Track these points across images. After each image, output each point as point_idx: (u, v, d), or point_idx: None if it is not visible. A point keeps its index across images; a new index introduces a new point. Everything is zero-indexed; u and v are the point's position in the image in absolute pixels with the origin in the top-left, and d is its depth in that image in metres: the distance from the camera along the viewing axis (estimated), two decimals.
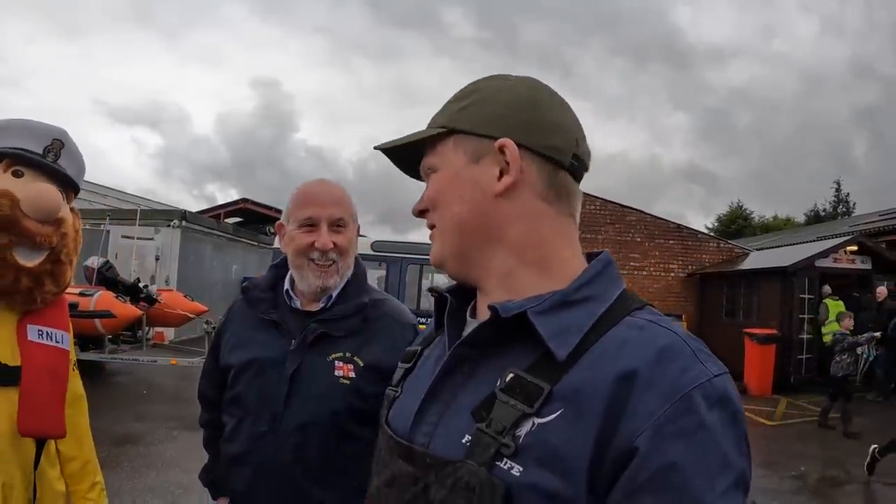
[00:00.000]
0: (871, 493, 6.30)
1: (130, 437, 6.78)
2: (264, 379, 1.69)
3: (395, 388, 1.04)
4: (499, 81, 0.94)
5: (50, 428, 1.69)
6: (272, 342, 1.72)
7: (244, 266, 19.85)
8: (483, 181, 0.89)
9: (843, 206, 41.11)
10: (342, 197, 1.77)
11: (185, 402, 8.78)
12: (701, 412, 0.70)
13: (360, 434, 1.64)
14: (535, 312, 0.81)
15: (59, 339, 1.76)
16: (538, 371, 0.78)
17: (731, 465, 0.70)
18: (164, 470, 5.86)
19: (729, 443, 0.71)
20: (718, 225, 43.06)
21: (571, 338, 0.79)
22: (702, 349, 0.77)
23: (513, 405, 0.77)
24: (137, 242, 13.26)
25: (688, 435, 0.69)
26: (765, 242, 23.84)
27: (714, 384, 0.73)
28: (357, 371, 1.67)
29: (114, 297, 9.13)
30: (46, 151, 1.70)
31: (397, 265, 8.65)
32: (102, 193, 22.87)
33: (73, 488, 1.86)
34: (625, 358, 0.75)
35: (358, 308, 1.75)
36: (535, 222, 0.89)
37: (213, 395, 1.88)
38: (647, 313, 0.83)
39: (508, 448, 0.75)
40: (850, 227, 19.34)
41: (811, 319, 12.48)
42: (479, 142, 0.90)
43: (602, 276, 0.87)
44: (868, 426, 9.53)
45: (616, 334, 0.78)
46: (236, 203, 25.34)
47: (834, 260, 13.03)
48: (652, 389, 0.71)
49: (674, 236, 16.06)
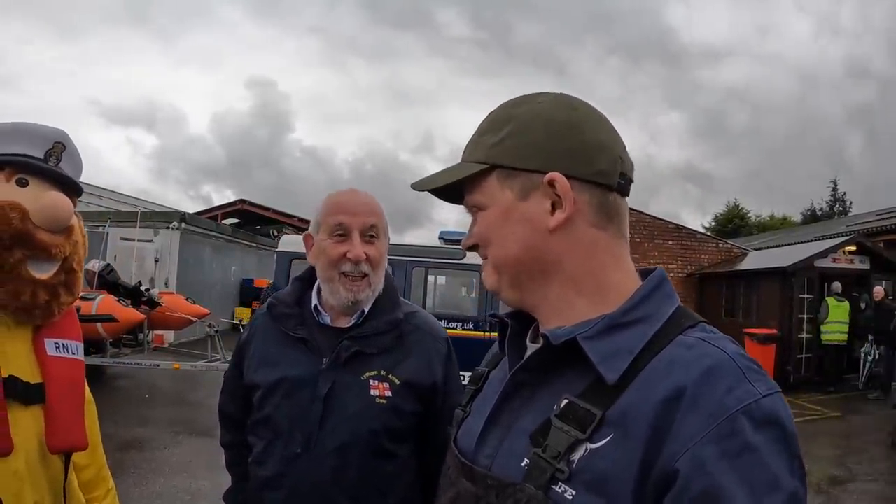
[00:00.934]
0: (871, 492, 6.32)
1: (135, 443, 6.78)
2: (295, 400, 1.64)
3: (464, 409, 1.06)
4: (531, 106, 0.92)
5: (76, 441, 1.67)
6: (301, 360, 1.67)
7: (243, 268, 19.85)
8: (535, 218, 0.88)
9: (840, 205, 41.21)
10: (375, 206, 1.72)
11: (189, 405, 8.82)
12: (746, 434, 0.69)
13: (397, 452, 1.63)
14: (584, 338, 0.82)
15: (75, 351, 1.73)
16: (590, 396, 0.79)
17: (781, 486, 0.68)
18: (171, 476, 5.86)
19: (778, 463, 0.69)
20: (715, 224, 43.09)
21: (621, 361, 0.79)
22: (752, 367, 0.76)
23: (566, 431, 0.78)
24: (137, 245, 13.25)
25: (732, 457, 0.68)
26: (763, 242, 23.89)
27: (761, 405, 0.71)
28: (393, 390, 1.64)
29: (115, 300, 9.12)
30: (48, 156, 1.64)
31: (402, 268, 8.65)
32: (98, 195, 22.84)
33: (88, 496, 1.82)
34: (671, 379, 0.74)
35: (391, 325, 1.70)
36: (590, 251, 0.89)
37: (237, 413, 1.83)
38: (700, 331, 0.82)
39: (563, 473, 0.76)
40: (848, 227, 19.41)
41: (811, 319, 12.52)
42: (525, 177, 0.88)
43: (654, 296, 0.87)
44: (869, 424, 9.62)
45: (666, 355, 0.78)
46: (234, 204, 25.28)
47: (833, 260, 13.07)
48: (696, 410, 0.71)
49: (673, 237, 16.10)
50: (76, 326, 1.79)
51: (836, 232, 18.22)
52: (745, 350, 0.79)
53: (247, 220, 25.28)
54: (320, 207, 1.72)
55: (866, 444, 8.41)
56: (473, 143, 0.94)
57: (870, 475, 6.87)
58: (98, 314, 8.72)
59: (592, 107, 0.94)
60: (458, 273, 9.79)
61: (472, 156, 0.93)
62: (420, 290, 9.02)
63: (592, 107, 0.94)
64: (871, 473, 6.94)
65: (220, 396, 1.93)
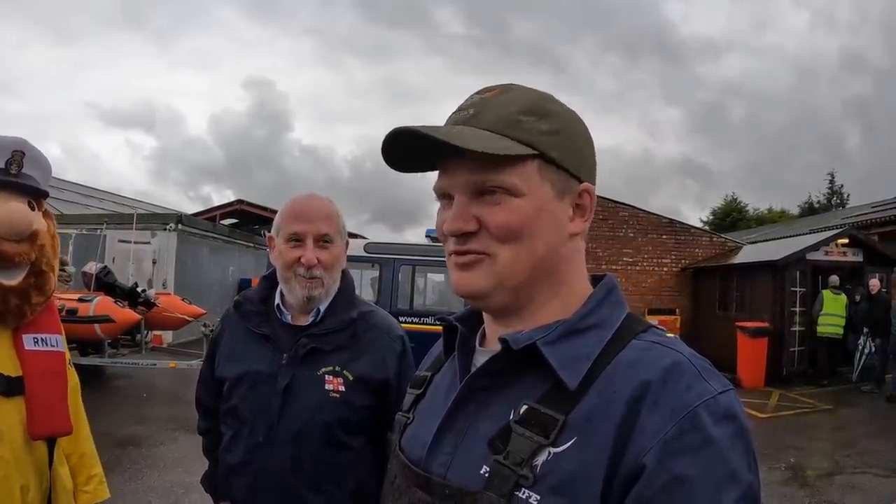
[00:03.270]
0: (857, 485, 6.37)
1: (132, 440, 6.88)
2: (258, 392, 1.75)
3: (406, 414, 1.04)
4: (560, 107, 0.91)
5: (58, 427, 1.78)
6: (264, 356, 1.78)
7: (241, 268, 19.90)
8: (563, 220, 0.88)
9: (837, 197, 41.06)
10: (330, 213, 1.80)
11: (185, 403, 8.76)
12: (707, 428, 0.72)
13: (351, 443, 1.74)
14: (544, 343, 0.82)
15: (55, 343, 1.83)
16: (551, 401, 0.80)
17: (739, 479, 0.71)
18: (166, 471, 5.97)
19: (736, 457, 0.72)
20: (713, 218, 43.02)
21: (581, 366, 0.80)
22: (706, 367, 0.79)
23: (529, 437, 0.78)
24: (134, 246, 13.29)
25: (694, 450, 0.71)
26: (758, 235, 23.91)
27: (719, 401, 0.74)
28: (346, 384, 1.74)
29: (112, 301, 9.20)
30: (9, 165, 1.70)
31: (390, 266, 8.73)
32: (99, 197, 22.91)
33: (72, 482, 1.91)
34: (634, 379, 0.76)
35: (346, 323, 1.80)
36: (578, 259, 0.92)
37: (211, 403, 1.95)
38: (652, 335, 0.84)
39: (527, 479, 0.76)
40: (843, 220, 19.40)
41: (803, 312, 12.54)
42: (566, 177, 0.88)
43: (606, 302, 0.88)
44: (860, 417, 9.65)
45: (623, 358, 0.80)
46: (232, 204, 25.25)
47: (825, 253, 13.07)
48: (658, 408, 0.73)
49: (666, 231, 16.12)
50: (55, 321, 1.88)
51: (832, 224, 18.23)
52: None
53: (245, 221, 25.27)
54: (280, 211, 1.82)
55: (856, 436, 8.42)
56: (508, 119, 0.85)
57: (857, 468, 6.91)
58: (95, 315, 8.81)
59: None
60: (445, 270, 9.82)
61: (510, 131, 0.85)
62: (407, 287, 9.09)
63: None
64: (858, 466, 6.98)
65: (196, 387, 2.04)
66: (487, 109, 0.86)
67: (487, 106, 0.87)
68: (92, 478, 1.97)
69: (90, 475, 1.97)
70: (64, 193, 22.05)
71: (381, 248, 8.78)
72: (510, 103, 0.87)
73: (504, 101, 0.87)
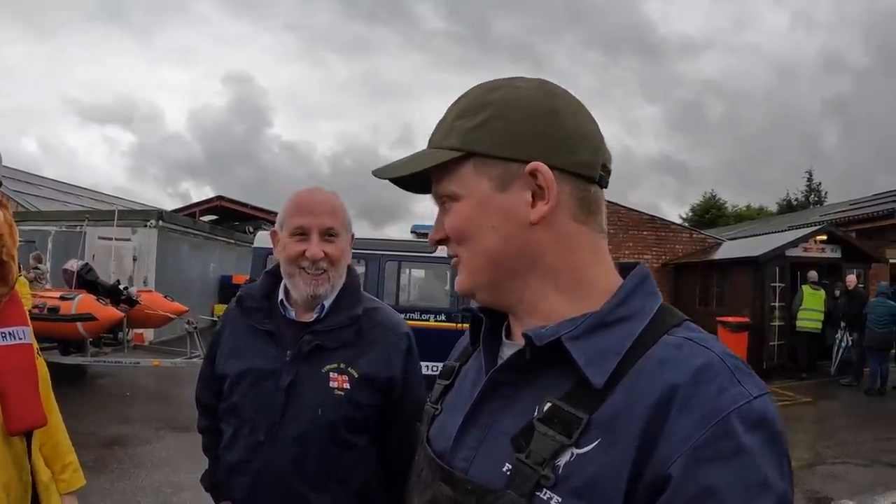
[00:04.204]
0: (838, 474, 6.51)
1: (118, 440, 6.80)
2: (260, 390, 1.72)
3: (434, 406, 1.03)
4: (509, 90, 0.85)
5: (33, 420, 1.75)
6: (267, 352, 1.74)
7: (221, 264, 19.77)
8: (515, 210, 0.83)
9: (815, 195, 41.55)
10: (335, 206, 1.76)
11: (170, 402, 8.83)
12: (738, 436, 0.68)
13: (356, 442, 1.71)
14: (569, 338, 0.78)
15: (22, 336, 1.79)
16: (575, 399, 0.77)
17: (772, 487, 0.67)
18: (153, 470, 5.91)
19: (769, 464, 0.68)
20: (693, 215, 43.36)
21: (608, 363, 0.76)
22: (740, 367, 0.74)
23: (551, 436, 0.76)
24: (115, 243, 13.19)
25: (725, 459, 0.67)
26: (738, 232, 24.14)
27: (753, 406, 0.70)
28: (351, 382, 1.70)
29: (95, 299, 9.12)
30: None
31: (376, 262, 8.74)
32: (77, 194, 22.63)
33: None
34: (662, 380, 0.72)
35: (351, 319, 1.76)
36: (570, 245, 0.84)
37: (211, 401, 1.90)
38: (685, 330, 0.80)
39: (548, 480, 0.74)
40: (822, 217, 19.68)
41: (782, 307, 12.72)
42: (504, 166, 0.83)
43: (638, 292, 0.84)
44: (839, 409, 9.84)
45: (653, 355, 0.76)
46: (211, 201, 25.14)
47: (804, 249, 13.26)
48: (688, 412, 0.70)
49: (647, 227, 16.26)
50: (20, 313, 1.84)
51: (811, 222, 18.45)
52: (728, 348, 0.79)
53: (225, 217, 25.15)
54: (284, 205, 1.79)
55: (835, 428, 8.61)
56: (446, 128, 0.87)
57: (837, 458, 7.06)
58: (77, 313, 8.73)
59: (572, 94, 0.89)
60: (430, 266, 9.86)
61: (444, 141, 0.86)
62: (393, 283, 9.10)
63: (572, 94, 0.89)
64: (838, 456, 7.13)
65: (197, 384, 2.02)
66: (438, 124, 0.90)
67: (439, 121, 0.91)
68: (67, 466, 1.95)
69: (65, 464, 1.94)
70: (41, 190, 21.79)
71: (367, 244, 8.77)
72: (453, 110, 0.89)
73: (448, 111, 0.89)
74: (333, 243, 1.73)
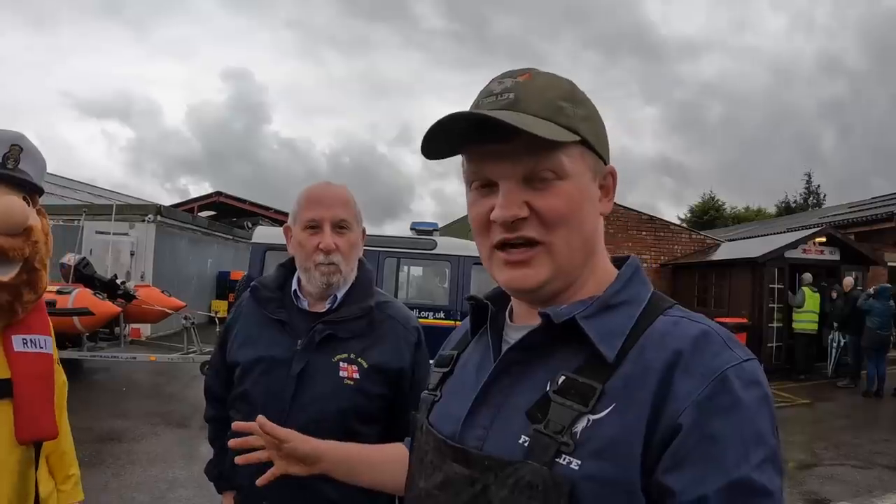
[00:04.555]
0: (836, 476, 6.49)
1: (113, 435, 6.78)
2: (271, 377, 1.73)
3: (433, 392, 1.06)
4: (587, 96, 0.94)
5: (45, 431, 1.74)
6: (279, 341, 1.77)
7: (219, 260, 19.74)
8: (596, 200, 0.92)
9: (814, 197, 41.69)
10: (346, 199, 1.80)
11: (166, 397, 8.81)
12: (736, 390, 0.75)
13: (365, 432, 1.71)
14: (582, 317, 0.85)
15: (43, 345, 1.79)
16: (587, 372, 0.83)
17: (765, 441, 0.75)
18: (149, 466, 5.88)
19: (762, 420, 0.76)
20: (691, 216, 43.41)
21: (616, 340, 0.84)
22: (731, 338, 0.83)
23: (568, 405, 0.81)
24: (113, 238, 13.13)
25: (725, 410, 0.74)
26: (737, 233, 24.15)
27: (744, 367, 0.78)
28: (361, 372, 1.73)
29: (91, 294, 9.06)
30: (6, 159, 1.68)
31: (374, 258, 8.71)
32: (74, 188, 22.55)
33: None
34: (665, 349, 0.80)
35: (363, 311, 1.79)
36: (602, 238, 0.96)
37: (220, 390, 1.93)
38: (678, 310, 0.89)
39: (568, 446, 0.79)
40: (820, 219, 19.67)
41: (781, 308, 12.74)
42: (598, 161, 0.91)
43: (635, 280, 0.93)
44: (837, 411, 9.83)
45: (654, 330, 0.84)
46: (210, 196, 25.00)
47: (803, 251, 13.29)
48: (690, 373, 0.77)
49: (646, 227, 16.27)
50: (44, 321, 1.84)
51: (809, 224, 18.47)
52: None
53: (223, 213, 25.05)
54: (297, 200, 1.81)
55: (833, 430, 8.60)
56: (551, 106, 0.87)
57: (835, 460, 7.05)
58: (74, 308, 8.68)
59: None
60: (429, 263, 9.82)
61: (556, 119, 0.86)
62: (392, 280, 9.07)
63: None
64: (836, 458, 7.11)
65: (207, 373, 2.03)
66: (528, 95, 0.87)
67: (526, 91, 0.87)
68: (69, 477, 1.93)
69: (68, 475, 1.93)
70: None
71: (366, 240, 8.74)
72: (547, 88, 0.88)
73: (541, 87, 0.88)
74: (345, 236, 1.78)
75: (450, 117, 0.84)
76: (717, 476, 0.72)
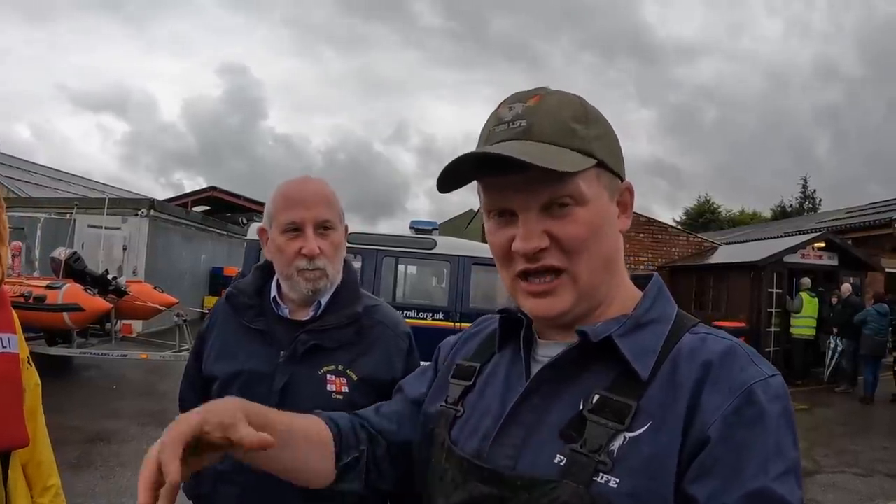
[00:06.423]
0: (839, 483, 6.46)
1: (103, 435, 6.63)
2: (251, 393, 1.54)
3: (454, 407, 1.02)
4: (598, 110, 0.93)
5: (13, 439, 1.60)
6: (259, 353, 1.63)
7: (213, 256, 19.61)
8: (615, 219, 0.92)
9: (810, 202, 41.88)
10: (328, 196, 1.64)
11: (157, 396, 8.68)
12: (761, 404, 0.77)
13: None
14: (617, 335, 0.86)
15: (7, 344, 1.63)
16: (620, 389, 0.83)
17: (786, 453, 0.76)
18: (138, 469, 5.70)
19: (784, 434, 0.77)
20: (686, 218, 43.60)
21: (649, 358, 0.84)
22: (756, 354, 0.84)
23: (604, 424, 0.81)
24: (105, 232, 13.01)
25: (750, 423, 0.76)
26: (733, 237, 24.18)
27: (770, 382, 0.79)
28: (350, 385, 1.60)
29: (82, 289, 8.97)
30: None
31: (373, 257, 8.60)
32: (68, 181, 22.40)
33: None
34: (694, 365, 0.81)
35: (350, 318, 1.66)
36: (622, 254, 0.95)
37: (196, 403, 1.79)
38: (702, 328, 0.90)
39: (605, 465, 0.78)
40: (818, 224, 19.75)
41: (779, 313, 12.72)
42: (614, 179, 0.91)
43: (661, 299, 0.94)
44: (836, 417, 9.82)
45: (683, 347, 0.85)
46: (204, 191, 24.88)
47: (802, 256, 13.30)
48: (717, 387, 0.78)
49: (644, 230, 16.24)
50: (7, 317, 1.68)
51: (807, 228, 18.53)
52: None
53: (217, 208, 24.95)
54: (272, 199, 1.65)
55: (833, 436, 8.60)
56: (564, 128, 0.86)
57: (836, 467, 7.02)
58: (64, 303, 8.57)
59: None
60: (428, 263, 9.71)
61: (570, 143, 0.85)
62: (390, 279, 8.96)
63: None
64: (837, 465, 7.09)
65: (181, 384, 1.88)
66: (540, 120, 0.86)
67: (538, 116, 0.86)
68: (48, 489, 1.78)
69: (46, 486, 1.78)
70: (33, 176, 21.55)
71: (364, 238, 8.65)
72: (558, 110, 0.87)
73: (552, 109, 0.87)
74: (329, 237, 1.62)
75: (465, 157, 0.85)
76: (738, 486, 0.73)
